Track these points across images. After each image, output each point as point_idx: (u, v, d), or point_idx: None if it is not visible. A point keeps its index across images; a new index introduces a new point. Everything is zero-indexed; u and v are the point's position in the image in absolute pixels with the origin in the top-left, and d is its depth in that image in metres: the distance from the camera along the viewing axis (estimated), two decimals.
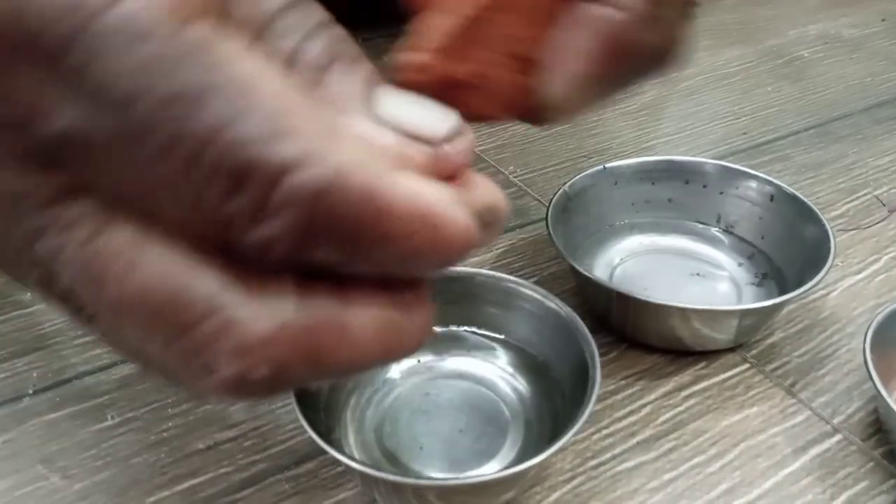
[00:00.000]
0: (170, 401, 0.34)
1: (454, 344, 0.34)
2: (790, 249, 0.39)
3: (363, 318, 0.16)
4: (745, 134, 0.54)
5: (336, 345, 0.15)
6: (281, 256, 0.14)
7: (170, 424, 0.33)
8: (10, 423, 0.33)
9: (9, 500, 0.30)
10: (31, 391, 0.34)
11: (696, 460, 0.31)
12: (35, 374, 0.35)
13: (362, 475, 0.27)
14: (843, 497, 0.30)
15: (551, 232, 0.36)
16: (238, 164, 0.13)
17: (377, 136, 0.16)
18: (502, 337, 0.34)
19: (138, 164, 0.14)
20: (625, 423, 0.33)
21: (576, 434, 0.27)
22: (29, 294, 0.40)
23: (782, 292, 0.36)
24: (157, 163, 0.13)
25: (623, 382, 0.35)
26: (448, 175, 0.17)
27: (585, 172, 0.40)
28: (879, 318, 0.32)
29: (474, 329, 0.34)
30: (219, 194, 0.13)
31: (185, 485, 0.30)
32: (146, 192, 0.14)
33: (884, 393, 0.30)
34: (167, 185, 0.14)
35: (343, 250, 0.14)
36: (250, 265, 0.14)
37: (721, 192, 0.41)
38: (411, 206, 0.14)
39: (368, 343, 0.16)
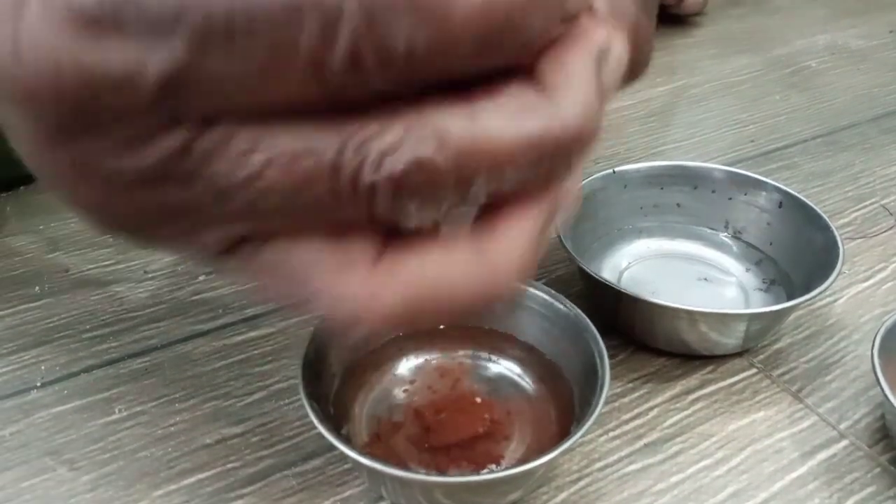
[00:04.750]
0: (177, 395, 0.34)
1: (463, 342, 0.34)
2: (798, 256, 0.39)
3: (489, 103, 0.16)
4: (752, 141, 0.54)
5: (465, 127, 0.15)
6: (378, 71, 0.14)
7: (177, 419, 0.33)
8: (17, 414, 0.33)
9: (15, 491, 0.30)
10: (38, 383, 0.34)
11: (702, 463, 0.31)
12: (43, 367, 0.35)
13: (370, 471, 0.27)
14: (850, 502, 0.30)
15: (560, 234, 0.36)
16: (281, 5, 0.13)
17: None
18: (511, 336, 0.34)
19: (231, 65, 0.14)
20: (632, 425, 0.33)
21: (583, 435, 0.27)
22: (37, 288, 0.40)
23: (790, 298, 0.36)
24: (243, 49, 0.14)
25: (630, 385, 0.35)
26: None
27: (595, 176, 0.40)
28: (887, 324, 0.32)
29: (483, 328, 0.34)
30: (308, 42, 0.13)
31: (192, 479, 0.30)
32: (248, 88, 0.14)
33: (892, 399, 0.30)
34: (259, 63, 0.14)
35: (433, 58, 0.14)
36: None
37: (730, 198, 0.42)
38: None
39: (501, 123, 0.16)
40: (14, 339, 0.37)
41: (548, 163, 0.16)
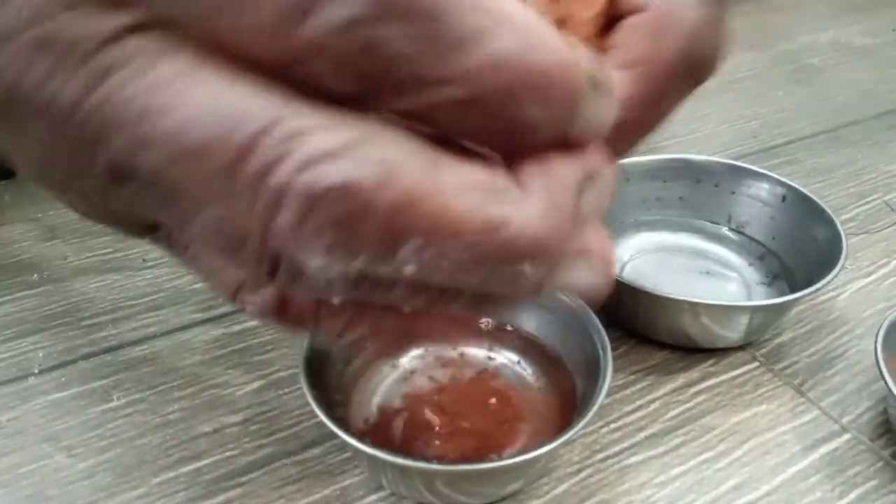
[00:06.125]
0: (176, 383, 0.34)
1: (464, 332, 0.34)
2: (801, 250, 0.38)
3: (461, 169, 0.13)
4: (755, 137, 0.54)
5: (420, 181, 0.12)
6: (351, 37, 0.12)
7: (175, 407, 0.33)
8: (15, 401, 0.33)
9: (13, 478, 0.30)
10: (36, 370, 0.34)
11: (704, 456, 0.31)
12: (41, 354, 0.35)
13: (370, 459, 0.27)
14: (852, 495, 0.30)
15: None
16: None
17: None
18: (513, 328, 0.34)
19: None
20: (633, 417, 0.33)
21: (585, 427, 0.27)
22: (36, 275, 0.40)
23: (792, 293, 0.36)
24: None
25: (632, 377, 0.35)
26: None
27: None
28: (891, 319, 0.32)
29: (485, 318, 0.34)
30: None
31: (191, 467, 0.30)
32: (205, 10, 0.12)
33: None
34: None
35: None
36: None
37: (733, 192, 0.41)
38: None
39: (461, 198, 0.13)
40: (12, 326, 0.37)
41: (487, 268, 0.14)
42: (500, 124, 0.13)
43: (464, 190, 0.13)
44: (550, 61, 0.13)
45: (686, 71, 0.19)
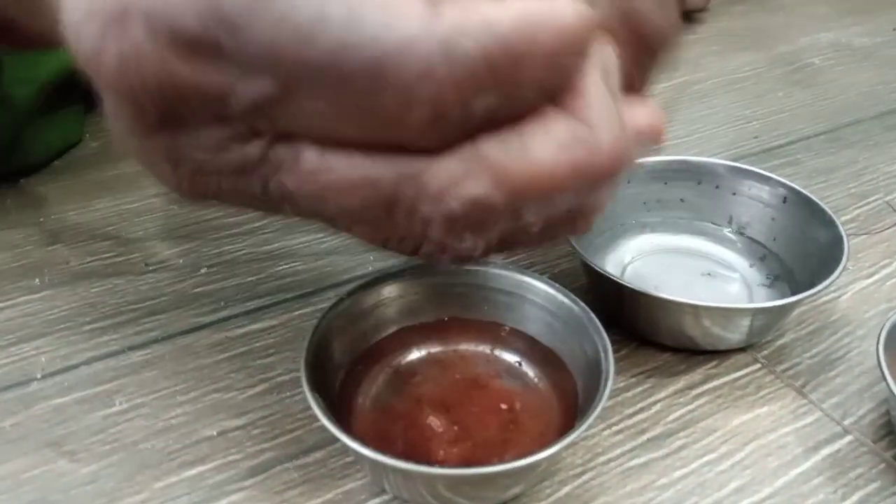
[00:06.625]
0: (178, 388, 0.34)
1: (466, 335, 0.34)
2: (802, 251, 0.38)
3: (538, 136, 0.16)
4: (756, 138, 0.54)
5: (520, 165, 0.16)
6: (454, 120, 0.16)
7: (178, 411, 0.33)
8: (17, 406, 0.33)
9: (16, 483, 0.30)
10: (39, 375, 0.34)
11: (706, 458, 0.31)
12: (43, 359, 0.35)
13: (372, 463, 0.27)
14: (855, 497, 0.30)
15: None
16: (369, 64, 0.14)
17: None
18: (515, 330, 0.34)
19: (313, 101, 0.16)
20: (635, 419, 0.33)
21: (587, 429, 0.27)
22: (37, 280, 0.40)
23: (794, 294, 0.36)
24: (326, 94, 0.15)
25: (633, 380, 0.35)
26: None
27: None
28: (893, 320, 0.32)
29: (486, 320, 0.34)
30: (372, 101, 0.15)
31: (193, 471, 0.30)
32: (322, 120, 0.16)
33: None
34: (339, 108, 0.16)
35: (498, 92, 0.15)
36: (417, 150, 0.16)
37: (734, 193, 0.41)
38: (527, 23, 0.15)
39: (551, 158, 0.16)
40: (15, 331, 0.37)
41: (595, 187, 0.17)
42: (550, 91, 0.17)
43: (553, 153, 0.16)
44: (570, 29, 0.16)
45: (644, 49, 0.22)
